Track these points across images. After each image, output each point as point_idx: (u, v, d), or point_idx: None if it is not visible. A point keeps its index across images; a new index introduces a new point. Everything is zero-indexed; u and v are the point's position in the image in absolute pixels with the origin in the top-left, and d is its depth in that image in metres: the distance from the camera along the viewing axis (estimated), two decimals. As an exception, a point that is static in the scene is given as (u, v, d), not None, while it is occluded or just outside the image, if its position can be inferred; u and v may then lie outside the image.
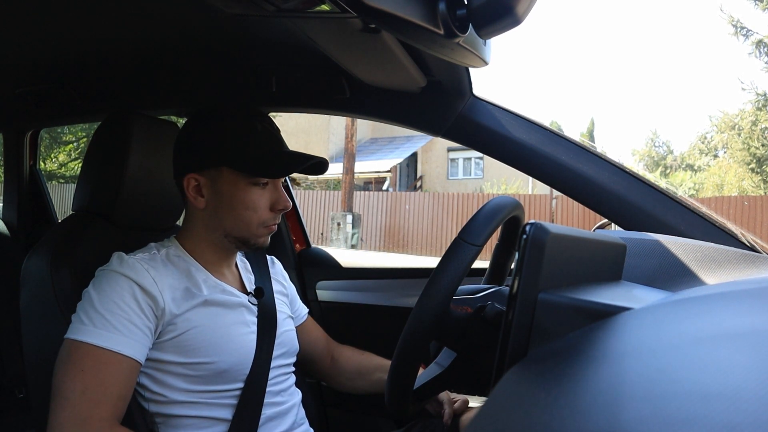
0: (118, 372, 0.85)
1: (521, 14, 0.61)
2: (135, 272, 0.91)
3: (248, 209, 0.98)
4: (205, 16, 1.04)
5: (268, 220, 1.00)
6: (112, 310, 0.88)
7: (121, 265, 0.92)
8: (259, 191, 0.98)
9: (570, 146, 1.09)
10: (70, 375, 0.83)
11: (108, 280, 0.91)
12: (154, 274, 0.93)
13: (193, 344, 0.93)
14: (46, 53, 1.26)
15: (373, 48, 0.89)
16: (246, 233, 0.99)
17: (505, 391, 0.37)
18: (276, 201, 1.00)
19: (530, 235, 0.53)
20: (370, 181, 17.63)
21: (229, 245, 1.02)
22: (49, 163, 11.73)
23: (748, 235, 1.01)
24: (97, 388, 0.83)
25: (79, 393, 0.82)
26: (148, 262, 0.95)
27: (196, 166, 0.99)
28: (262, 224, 0.99)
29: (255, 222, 0.99)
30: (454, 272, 0.74)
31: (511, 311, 0.53)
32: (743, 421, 0.22)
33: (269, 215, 1.00)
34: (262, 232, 1.00)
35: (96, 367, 0.84)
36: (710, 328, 0.37)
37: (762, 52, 13.32)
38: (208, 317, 0.96)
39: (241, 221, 0.98)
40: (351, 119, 11.74)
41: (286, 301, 1.19)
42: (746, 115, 14.29)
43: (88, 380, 0.83)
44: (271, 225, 1.01)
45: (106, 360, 0.85)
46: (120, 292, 0.89)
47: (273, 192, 1.00)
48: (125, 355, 0.86)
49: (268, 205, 0.99)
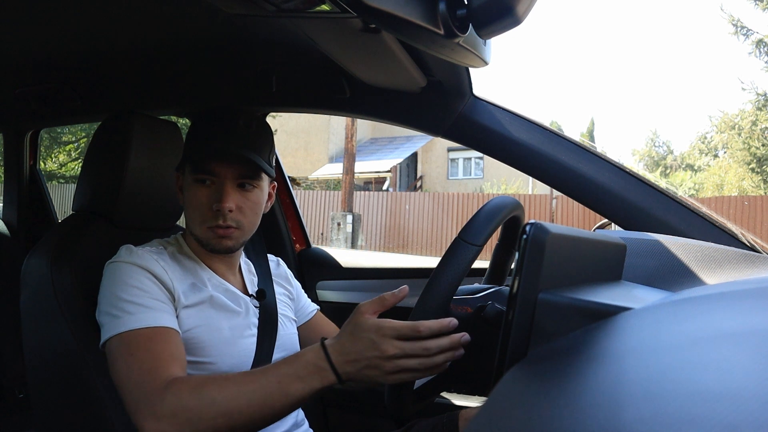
0: (165, 341, 0.87)
1: (521, 14, 0.61)
2: (145, 261, 0.93)
3: (191, 207, 0.98)
4: (206, 16, 1.04)
5: (208, 219, 0.96)
6: (136, 294, 0.90)
7: (131, 255, 0.94)
8: (202, 188, 0.97)
9: (570, 146, 1.09)
10: (126, 364, 0.84)
11: (121, 271, 0.92)
12: (163, 264, 0.95)
13: (194, 344, 0.94)
14: (46, 53, 1.26)
15: (373, 48, 0.90)
16: (197, 233, 0.99)
17: (505, 391, 0.37)
18: (215, 200, 0.96)
19: (530, 235, 0.53)
20: (370, 181, 17.63)
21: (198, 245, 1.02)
22: (49, 163, 11.73)
23: (748, 235, 1.01)
24: (152, 360, 0.84)
25: (136, 370, 0.83)
26: (157, 254, 0.97)
27: (178, 165, 1.03)
28: (204, 224, 0.97)
29: (198, 220, 0.98)
30: (453, 272, 0.74)
31: (511, 311, 0.53)
32: (743, 421, 0.22)
33: (209, 214, 0.96)
34: (209, 233, 0.97)
35: (144, 345, 0.85)
36: (710, 328, 0.37)
37: (762, 52, 13.33)
38: (209, 317, 0.97)
39: (189, 219, 1.00)
40: (351, 119, 11.74)
41: (289, 304, 1.19)
42: (746, 115, 14.29)
43: (142, 358, 0.84)
44: (214, 226, 0.97)
45: (148, 336, 0.86)
46: (137, 277, 0.91)
47: (216, 191, 0.96)
48: (164, 326, 0.88)
49: (208, 203, 0.97)
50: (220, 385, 0.78)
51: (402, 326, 0.75)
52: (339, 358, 0.77)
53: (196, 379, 0.81)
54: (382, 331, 0.75)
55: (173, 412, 0.76)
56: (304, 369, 0.77)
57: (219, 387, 0.77)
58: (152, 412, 0.77)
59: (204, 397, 0.76)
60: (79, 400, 0.96)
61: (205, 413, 0.76)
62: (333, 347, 0.78)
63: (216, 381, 0.79)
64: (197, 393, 0.77)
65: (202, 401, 0.76)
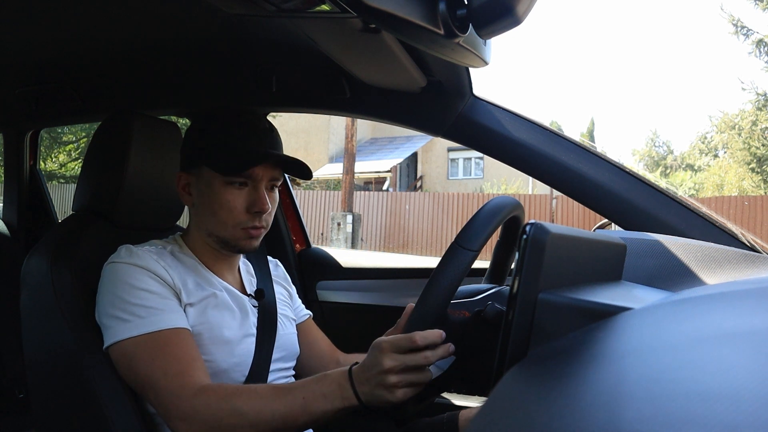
0: (183, 343, 0.89)
1: (521, 14, 0.61)
2: (145, 262, 0.93)
3: (223, 209, 0.97)
4: (206, 16, 1.04)
5: (244, 221, 0.97)
6: (143, 296, 0.90)
7: (131, 256, 0.94)
8: (235, 191, 0.97)
9: (570, 146, 1.09)
10: (149, 368, 0.87)
11: (123, 272, 0.92)
12: (164, 264, 0.95)
13: (195, 341, 0.94)
14: (46, 53, 1.26)
15: (373, 48, 0.90)
16: (224, 234, 0.99)
17: (505, 391, 0.37)
18: (252, 203, 0.97)
19: (530, 235, 0.53)
20: (370, 181, 17.63)
21: (216, 245, 1.02)
22: (49, 163, 11.73)
23: (748, 235, 1.01)
24: (176, 364, 0.87)
25: (162, 375, 0.86)
26: (157, 254, 0.97)
27: (185, 165, 1.02)
28: (238, 225, 0.98)
29: (230, 223, 0.98)
30: (450, 279, 0.74)
31: (511, 311, 0.53)
32: (744, 421, 0.22)
33: (245, 217, 0.97)
34: (240, 234, 0.98)
35: (162, 349, 0.87)
36: (710, 328, 0.37)
37: (762, 52, 13.32)
38: (210, 316, 0.97)
39: (217, 221, 0.98)
40: (351, 119, 11.74)
41: (289, 304, 1.19)
42: (746, 115, 14.28)
43: (163, 362, 0.87)
44: (249, 227, 0.98)
45: (165, 340, 0.88)
46: (140, 278, 0.92)
47: (252, 193, 0.98)
48: (178, 327, 0.90)
49: (245, 206, 0.97)
50: (248, 397, 0.82)
51: (397, 339, 0.76)
52: (357, 378, 0.79)
53: (225, 389, 0.85)
54: (381, 347, 0.77)
55: (203, 419, 0.82)
56: (328, 387, 0.80)
57: (247, 398, 0.82)
58: (183, 417, 0.83)
59: (233, 408, 0.81)
60: (79, 400, 0.96)
61: (232, 423, 0.81)
62: (355, 368, 0.80)
63: (244, 393, 0.84)
64: (226, 403, 0.82)
65: (231, 412, 0.81)
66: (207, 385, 0.86)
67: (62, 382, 0.98)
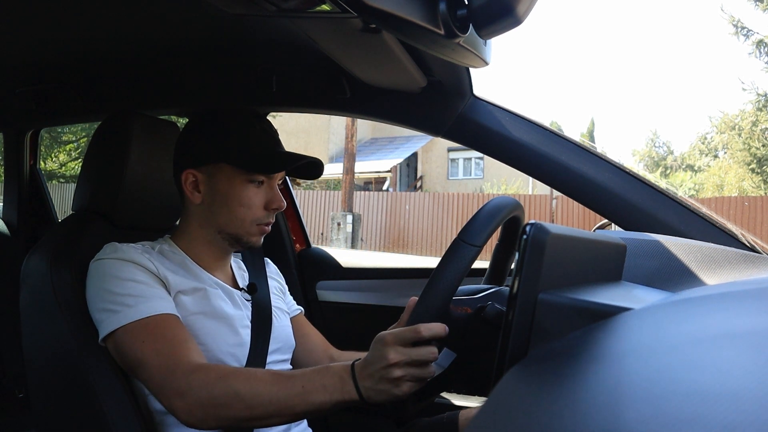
0: (172, 327, 0.90)
1: (522, 14, 0.61)
2: (131, 255, 0.94)
3: (242, 206, 1.00)
4: (206, 16, 1.04)
5: (261, 218, 1.01)
6: (131, 286, 0.91)
7: (116, 252, 0.95)
8: (255, 189, 1.00)
9: (570, 146, 1.09)
10: (141, 352, 0.87)
11: (108, 267, 0.93)
12: (149, 258, 0.96)
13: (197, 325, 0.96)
14: (46, 53, 1.26)
15: (374, 48, 0.90)
16: (239, 230, 1.01)
17: (505, 391, 0.37)
18: (270, 200, 1.01)
19: (530, 236, 0.53)
20: (370, 181, 17.64)
21: (223, 242, 1.04)
22: (49, 163, 11.73)
23: (748, 235, 1.01)
24: (168, 345, 0.87)
25: (154, 355, 0.86)
26: (143, 250, 0.98)
27: (194, 162, 1.01)
28: (255, 222, 1.01)
29: (248, 219, 1.00)
30: (453, 273, 0.74)
31: (511, 311, 0.53)
32: (743, 421, 0.22)
33: (263, 213, 1.01)
34: (255, 230, 1.02)
35: (153, 333, 0.88)
36: (710, 328, 0.37)
37: (762, 52, 13.32)
38: (201, 306, 0.98)
39: (235, 218, 1.00)
40: (351, 119, 11.74)
41: (283, 297, 1.21)
42: (746, 115, 14.28)
43: (155, 345, 0.87)
44: (264, 224, 1.02)
45: (155, 324, 0.89)
46: (127, 270, 0.92)
47: (268, 191, 1.02)
48: (166, 313, 0.91)
49: (263, 203, 1.01)
50: (245, 379, 0.82)
51: (402, 331, 0.76)
52: (360, 373, 0.78)
53: (222, 369, 0.85)
54: (385, 340, 0.76)
55: (198, 396, 0.81)
56: (329, 379, 0.79)
57: (244, 380, 0.81)
58: (179, 393, 0.82)
59: (229, 387, 0.80)
60: (79, 399, 0.96)
61: (228, 403, 0.80)
62: (358, 363, 0.80)
63: (242, 374, 0.83)
64: (223, 382, 0.81)
65: (227, 391, 0.80)
66: (204, 363, 0.86)
67: (62, 382, 0.99)
